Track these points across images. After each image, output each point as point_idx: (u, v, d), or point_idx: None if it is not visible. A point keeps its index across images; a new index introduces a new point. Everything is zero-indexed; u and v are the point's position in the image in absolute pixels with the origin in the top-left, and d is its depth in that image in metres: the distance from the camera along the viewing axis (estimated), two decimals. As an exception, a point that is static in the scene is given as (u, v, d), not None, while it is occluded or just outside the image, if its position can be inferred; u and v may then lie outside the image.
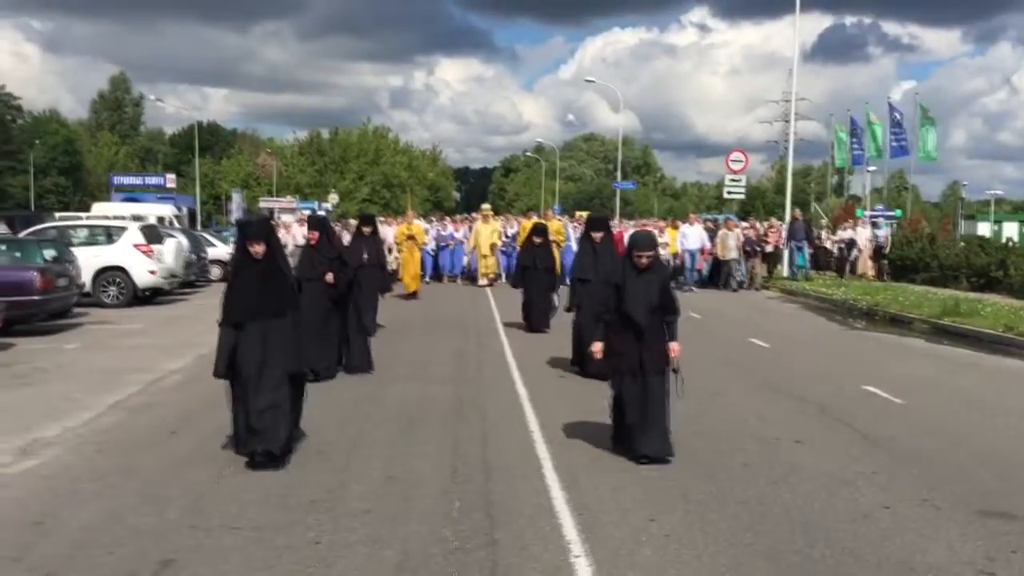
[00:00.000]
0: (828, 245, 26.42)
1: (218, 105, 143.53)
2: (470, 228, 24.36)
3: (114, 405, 8.35)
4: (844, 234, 25.95)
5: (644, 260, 6.27)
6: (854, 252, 24.95)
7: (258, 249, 6.13)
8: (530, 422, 7.62)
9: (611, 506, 5.35)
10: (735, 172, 30.09)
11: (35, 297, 13.24)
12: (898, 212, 42.48)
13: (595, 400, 7.84)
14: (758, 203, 69.08)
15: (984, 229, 51.50)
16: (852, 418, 7.96)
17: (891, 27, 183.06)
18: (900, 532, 5.01)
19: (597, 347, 6.48)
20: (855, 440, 7.19)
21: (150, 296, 18.34)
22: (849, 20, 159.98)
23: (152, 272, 17.99)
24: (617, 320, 6.32)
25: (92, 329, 14.16)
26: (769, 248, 24.98)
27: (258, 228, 6.30)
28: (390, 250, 20.06)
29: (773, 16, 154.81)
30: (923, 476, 6.18)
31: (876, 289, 20.49)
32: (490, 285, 22.00)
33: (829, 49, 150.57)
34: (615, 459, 6.32)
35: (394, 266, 20.46)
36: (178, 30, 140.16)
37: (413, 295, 19.02)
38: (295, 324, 6.21)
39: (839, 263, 25.37)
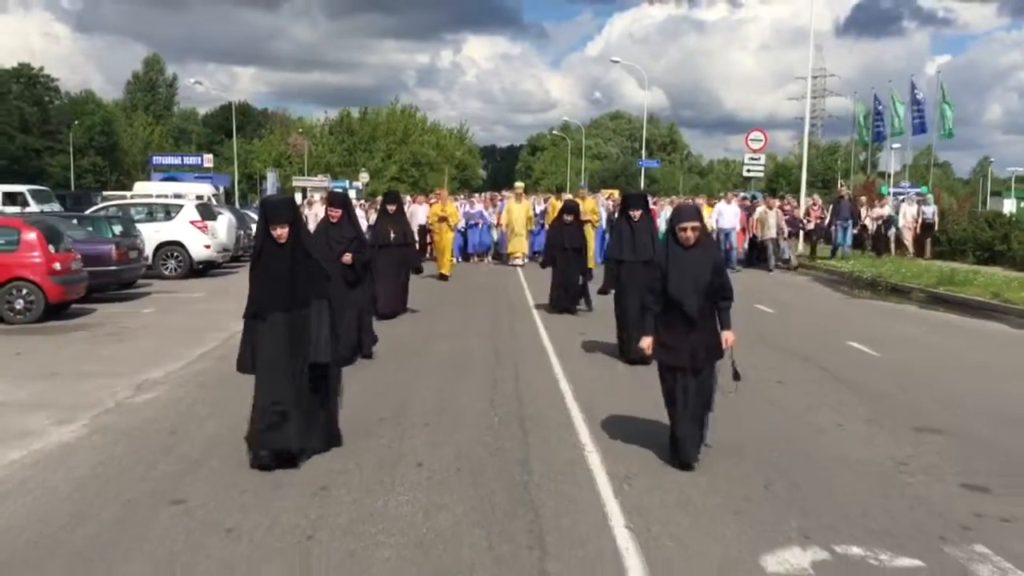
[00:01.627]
0: (867, 223, 25.13)
1: (246, 84, 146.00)
2: (495, 206, 24.53)
3: (202, 355, 9.85)
4: (881, 211, 25.03)
5: (689, 233, 5.53)
6: (892, 229, 24.25)
7: (282, 232, 5.58)
8: (555, 368, 9.04)
9: (618, 421, 6.78)
10: (754, 151, 31.15)
11: (111, 268, 14.84)
12: (924, 188, 43.27)
13: (614, 352, 9.24)
14: (781, 180, 69.65)
15: (1010, 206, 51.93)
16: (830, 366, 9.29)
17: (926, 0, 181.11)
18: (846, 441, 6.38)
19: (646, 342, 5.76)
20: (828, 382, 8.53)
21: (203, 269, 19.92)
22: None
23: (207, 247, 19.59)
24: (664, 308, 5.63)
25: (160, 297, 15.73)
26: (810, 226, 24.25)
27: (282, 210, 5.71)
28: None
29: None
30: (877, 406, 7.53)
31: (881, 262, 21.54)
32: (522, 265, 21.71)
33: (863, 23, 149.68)
34: (624, 389, 7.71)
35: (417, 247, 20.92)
36: (207, 9, 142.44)
37: (444, 277, 18.69)
38: (326, 312, 5.72)
39: (876, 241, 24.53)
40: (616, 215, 21.54)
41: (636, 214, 9.53)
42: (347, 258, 8.86)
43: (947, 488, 5.34)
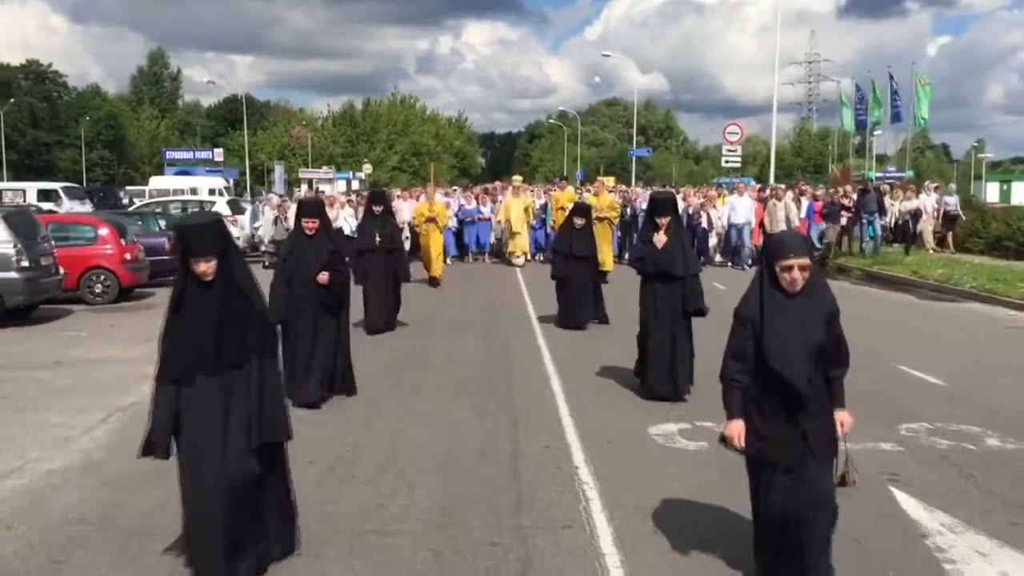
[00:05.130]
0: (889, 216, 22.86)
1: (244, 72, 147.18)
2: (494, 201, 23.02)
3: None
4: (910, 204, 22.86)
5: (796, 274, 4.02)
6: (920, 223, 22.53)
7: (207, 269, 4.12)
8: (537, 333, 11.75)
9: (575, 359, 9.61)
10: (731, 143, 33.89)
11: (165, 257, 17.49)
12: (910, 172, 45.79)
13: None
14: (766, 167, 72.05)
15: (993, 189, 54.23)
16: (750, 327, 11.95)
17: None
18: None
19: (735, 429, 4.14)
20: (742, 337, 11.20)
21: (233, 258, 22.52)
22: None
23: (236, 238, 22.20)
24: (756, 379, 4.11)
25: (204, 282, 18.36)
26: (843, 221, 21.48)
27: (205, 237, 4.15)
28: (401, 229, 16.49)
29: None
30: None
31: (916, 260, 19.57)
32: (522, 265, 20.63)
33: (864, 4, 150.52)
34: (582, 343, 10.33)
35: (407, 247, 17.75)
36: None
37: (435, 281, 17.08)
38: (273, 371, 4.37)
39: (902, 234, 22.64)
40: (628, 210, 21.75)
41: (663, 221, 7.99)
42: (323, 277, 7.71)
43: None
